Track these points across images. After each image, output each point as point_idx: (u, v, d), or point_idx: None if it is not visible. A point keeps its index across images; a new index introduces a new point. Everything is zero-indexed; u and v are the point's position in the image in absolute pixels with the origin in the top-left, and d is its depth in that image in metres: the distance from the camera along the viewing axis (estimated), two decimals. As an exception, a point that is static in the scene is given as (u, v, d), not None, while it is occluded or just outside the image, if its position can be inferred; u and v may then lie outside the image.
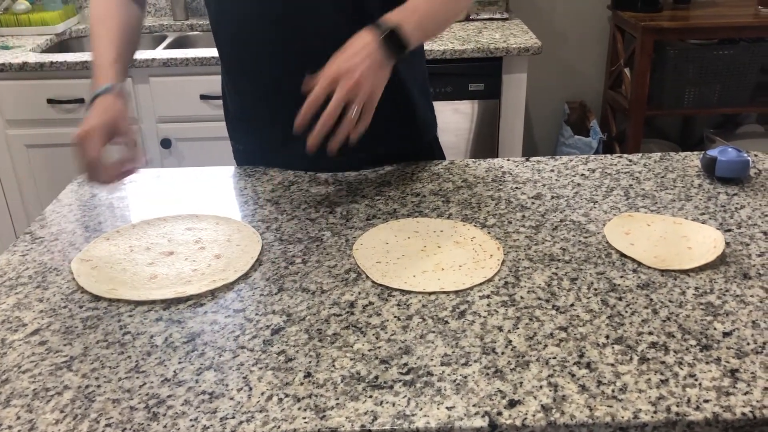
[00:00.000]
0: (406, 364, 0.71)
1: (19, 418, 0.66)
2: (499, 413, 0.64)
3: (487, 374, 0.69)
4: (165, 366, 0.72)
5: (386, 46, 0.97)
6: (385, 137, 1.14)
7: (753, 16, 2.67)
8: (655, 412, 0.63)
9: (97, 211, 1.08)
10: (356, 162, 1.20)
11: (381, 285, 0.85)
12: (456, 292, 0.83)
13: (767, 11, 2.69)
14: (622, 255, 0.90)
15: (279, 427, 0.63)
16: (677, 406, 0.64)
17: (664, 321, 0.76)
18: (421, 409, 0.65)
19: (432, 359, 0.72)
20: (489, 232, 0.97)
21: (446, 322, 0.78)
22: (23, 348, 0.76)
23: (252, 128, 1.26)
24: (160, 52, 2.29)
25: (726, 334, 0.74)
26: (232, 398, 0.67)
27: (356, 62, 0.95)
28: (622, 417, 0.63)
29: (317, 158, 0.99)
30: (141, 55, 2.25)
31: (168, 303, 0.83)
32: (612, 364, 0.70)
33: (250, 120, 1.24)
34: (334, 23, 1.09)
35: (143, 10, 1.24)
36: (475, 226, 0.99)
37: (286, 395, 0.67)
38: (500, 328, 0.76)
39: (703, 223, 0.98)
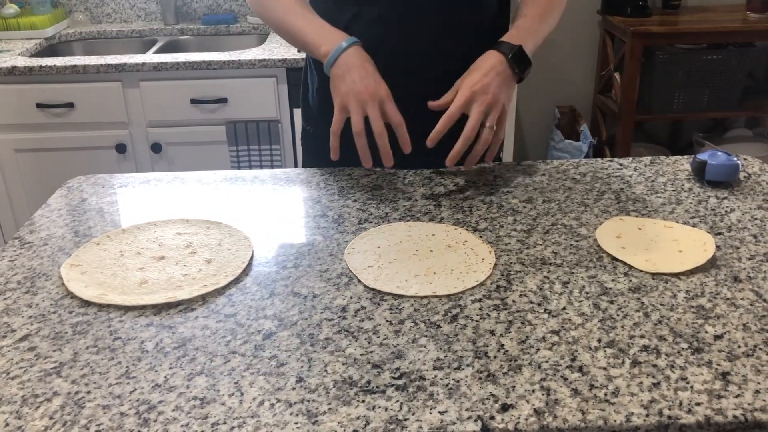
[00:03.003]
0: (398, 369, 0.71)
1: (7, 425, 0.65)
2: (492, 417, 0.64)
3: (480, 378, 0.69)
4: (156, 371, 0.72)
5: (513, 64, 1.06)
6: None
7: (741, 22, 2.69)
8: (647, 416, 0.64)
9: (87, 216, 1.07)
10: (421, 162, 1.21)
11: (373, 289, 0.85)
12: (448, 296, 0.83)
13: (756, 16, 2.71)
14: (614, 258, 0.90)
15: (271, 432, 0.63)
16: (669, 409, 0.64)
17: (656, 324, 0.77)
18: (413, 413, 0.65)
19: (424, 363, 0.71)
20: (481, 236, 0.97)
21: (438, 326, 0.78)
22: (12, 354, 0.75)
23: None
24: (151, 57, 2.29)
25: (717, 337, 0.74)
26: (223, 404, 0.67)
27: (488, 81, 1.04)
28: (615, 420, 0.63)
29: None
30: (131, 59, 2.24)
31: (159, 308, 0.83)
32: (604, 368, 0.70)
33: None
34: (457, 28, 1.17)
35: None
36: (466, 230, 0.99)
37: (278, 400, 0.67)
38: (492, 332, 0.76)
39: (693, 226, 0.98)
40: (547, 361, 0.71)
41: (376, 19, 1.16)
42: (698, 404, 0.65)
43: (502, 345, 0.74)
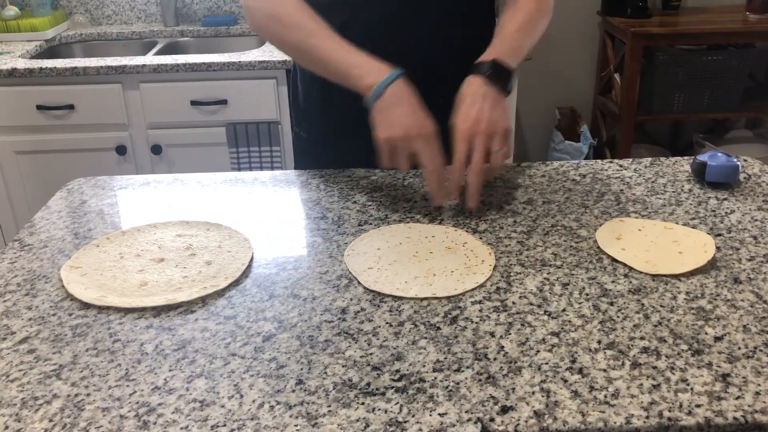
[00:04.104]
0: (398, 371, 0.71)
1: (7, 427, 0.65)
2: (492, 419, 0.64)
3: (480, 380, 0.69)
4: (155, 374, 0.72)
5: (494, 81, 1.03)
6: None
7: (742, 22, 2.70)
8: (647, 418, 0.63)
9: (87, 218, 1.07)
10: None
11: (373, 291, 0.85)
12: (448, 298, 0.83)
13: (756, 17, 2.71)
14: (614, 260, 0.90)
15: (270, 434, 0.63)
16: (669, 411, 0.64)
17: (656, 326, 0.77)
18: (413, 415, 0.65)
19: (424, 365, 0.71)
20: (481, 238, 0.97)
21: (438, 328, 0.78)
22: (11, 356, 0.75)
23: (330, 111, 1.25)
24: (151, 58, 2.29)
25: (717, 339, 0.74)
26: (223, 406, 0.67)
27: (477, 110, 1.01)
28: (615, 422, 0.63)
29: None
30: (131, 61, 2.24)
31: (158, 310, 0.83)
32: (604, 370, 0.70)
33: (329, 102, 1.23)
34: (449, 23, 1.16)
35: None
36: (466, 231, 0.99)
37: (278, 403, 0.67)
38: (492, 334, 0.76)
39: (693, 227, 0.98)
40: (547, 363, 0.71)
41: (369, 22, 1.16)
42: (698, 406, 0.65)
43: (502, 347, 0.74)
